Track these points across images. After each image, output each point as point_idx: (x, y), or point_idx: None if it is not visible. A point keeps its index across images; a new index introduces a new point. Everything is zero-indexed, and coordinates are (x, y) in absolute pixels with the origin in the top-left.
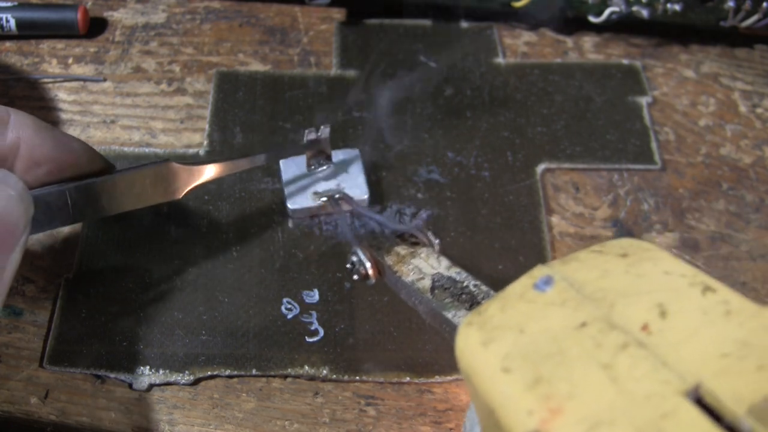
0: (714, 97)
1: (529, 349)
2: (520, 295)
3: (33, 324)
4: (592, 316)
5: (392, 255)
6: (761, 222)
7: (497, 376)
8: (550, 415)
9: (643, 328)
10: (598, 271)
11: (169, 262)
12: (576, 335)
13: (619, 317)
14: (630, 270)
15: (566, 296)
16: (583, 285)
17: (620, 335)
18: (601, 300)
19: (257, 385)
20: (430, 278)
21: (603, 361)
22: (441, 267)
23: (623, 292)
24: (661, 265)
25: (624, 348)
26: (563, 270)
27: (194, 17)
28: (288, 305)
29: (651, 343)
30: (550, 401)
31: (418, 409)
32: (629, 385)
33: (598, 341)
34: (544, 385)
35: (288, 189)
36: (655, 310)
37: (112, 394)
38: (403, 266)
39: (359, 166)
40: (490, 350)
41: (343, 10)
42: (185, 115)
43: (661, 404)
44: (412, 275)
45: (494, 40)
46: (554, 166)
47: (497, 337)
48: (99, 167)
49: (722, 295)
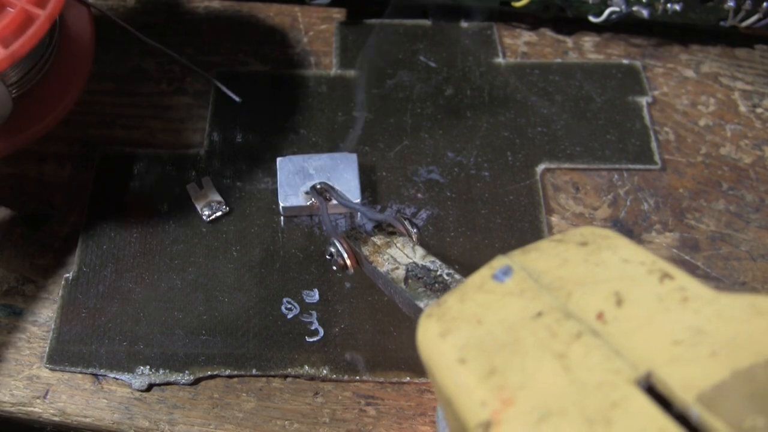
0: (714, 97)
1: (485, 340)
2: (480, 286)
3: (33, 324)
4: (548, 306)
5: (368, 245)
6: (761, 222)
7: (453, 367)
8: (502, 405)
9: (599, 317)
10: (557, 260)
11: (169, 262)
12: (532, 325)
13: (576, 306)
14: (589, 258)
15: (524, 286)
16: (541, 274)
17: (575, 324)
18: (558, 289)
19: (257, 385)
20: (404, 268)
21: (557, 351)
22: (416, 256)
23: (581, 281)
24: (621, 253)
25: (578, 337)
26: (523, 260)
27: (194, 17)
28: (288, 305)
29: (605, 331)
30: (503, 392)
31: (418, 409)
32: (581, 374)
33: (553, 331)
34: (498, 376)
35: (282, 188)
36: (611, 298)
37: (112, 394)
38: (379, 256)
39: (354, 171)
40: (447, 341)
41: (343, 10)
42: (185, 115)
43: (611, 393)
44: (386, 265)
45: (494, 40)
46: (554, 166)
47: (455, 328)
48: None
49: (680, 282)
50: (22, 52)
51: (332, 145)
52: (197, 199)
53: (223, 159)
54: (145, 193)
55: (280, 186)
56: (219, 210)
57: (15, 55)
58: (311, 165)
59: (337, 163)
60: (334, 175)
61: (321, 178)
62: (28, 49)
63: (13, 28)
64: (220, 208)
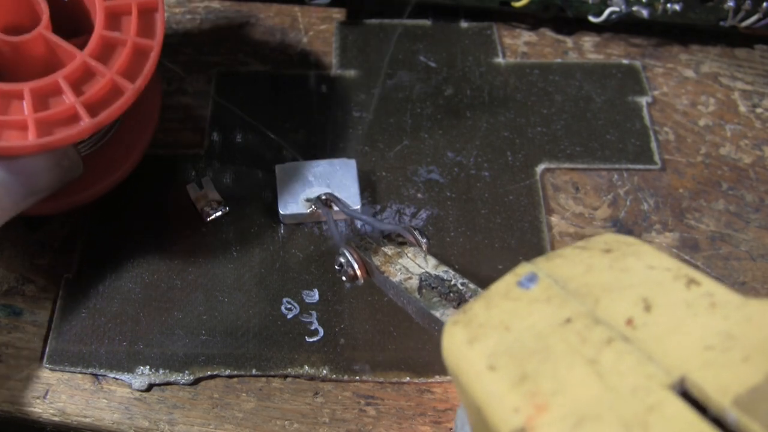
0: (714, 97)
1: (514, 347)
2: (505, 293)
3: (33, 324)
4: (576, 312)
5: (379, 255)
6: (761, 222)
7: (483, 374)
8: (536, 411)
9: (628, 323)
10: (582, 267)
11: (169, 262)
12: (561, 331)
13: (604, 312)
14: (614, 265)
15: (550, 293)
16: (567, 281)
17: (605, 330)
18: (585, 296)
19: (257, 385)
20: (417, 278)
21: (588, 357)
22: (428, 266)
23: (607, 288)
24: (645, 260)
25: (609, 343)
26: (547, 267)
27: (194, 17)
28: (288, 305)
29: (636, 337)
30: (535, 398)
31: (418, 409)
32: (614, 379)
33: (583, 337)
34: (529, 382)
35: (282, 195)
36: (639, 304)
37: (112, 394)
38: (391, 266)
39: (354, 176)
40: (475, 349)
41: (343, 10)
42: (185, 115)
43: (646, 398)
44: (399, 275)
45: (494, 40)
46: (554, 166)
47: (482, 335)
48: None
49: (707, 288)
50: (107, 123)
51: (332, 147)
52: (197, 199)
53: (223, 159)
54: (145, 193)
55: (280, 194)
56: (219, 210)
57: (100, 125)
58: (310, 172)
59: (336, 168)
60: (334, 181)
61: (320, 184)
62: (112, 119)
63: (100, 97)
64: (220, 208)
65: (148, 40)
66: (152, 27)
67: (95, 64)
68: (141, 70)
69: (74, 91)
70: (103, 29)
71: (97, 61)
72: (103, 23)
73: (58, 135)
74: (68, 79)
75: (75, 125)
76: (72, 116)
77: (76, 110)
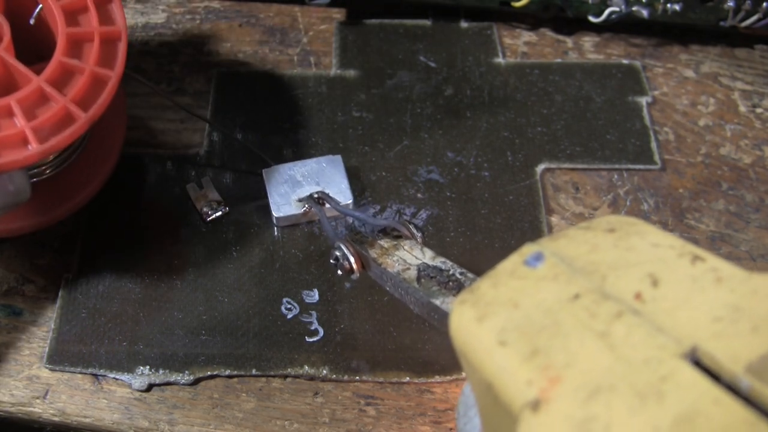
0: (714, 97)
1: (524, 323)
2: (511, 272)
3: (33, 324)
4: (584, 288)
5: (376, 248)
6: (761, 222)
7: (494, 350)
8: (550, 384)
9: (637, 297)
10: (587, 246)
11: (169, 262)
12: (570, 307)
13: (612, 288)
14: (619, 244)
15: (557, 271)
16: (573, 260)
17: (614, 305)
18: (592, 273)
19: (257, 385)
20: (415, 268)
21: (598, 330)
22: (426, 257)
23: (614, 265)
24: (649, 238)
25: (619, 316)
26: (552, 246)
27: (194, 17)
28: (288, 305)
29: (645, 310)
30: (548, 371)
31: (418, 409)
32: (626, 351)
33: (592, 311)
34: (541, 356)
35: (273, 199)
36: (646, 279)
37: (112, 394)
38: (388, 258)
39: (342, 172)
40: (484, 326)
41: (343, 10)
42: (185, 115)
43: (659, 367)
44: (397, 266)
45: (494, 40)
46: (554, 166)
47: (491, 312)
48: None
49: (711, 263)
50: (55, 150)
51: (330, 147)
52: (197, 199)
53: (223, 159)
54: (145, 193)
55: (271, 197)
56: (219, 210)
57: (46, 152)
58: (298, 172)
59: (323, 166)
60: (323, 179)
61: (310, 183)
62: (60, 148)
63: (51, 123)
64: (220, 208)
65: (107, 69)
66: (113, 57)
67: (50, 90)
68: (96, 99)
69: (25, 116)
70: (62, 56)
71: (53, 88)
72: (63, 50)
73: (5, 158)
74: (21, 102)
75: (23, 149)
76: (21, 140)
77: (25, 134)
